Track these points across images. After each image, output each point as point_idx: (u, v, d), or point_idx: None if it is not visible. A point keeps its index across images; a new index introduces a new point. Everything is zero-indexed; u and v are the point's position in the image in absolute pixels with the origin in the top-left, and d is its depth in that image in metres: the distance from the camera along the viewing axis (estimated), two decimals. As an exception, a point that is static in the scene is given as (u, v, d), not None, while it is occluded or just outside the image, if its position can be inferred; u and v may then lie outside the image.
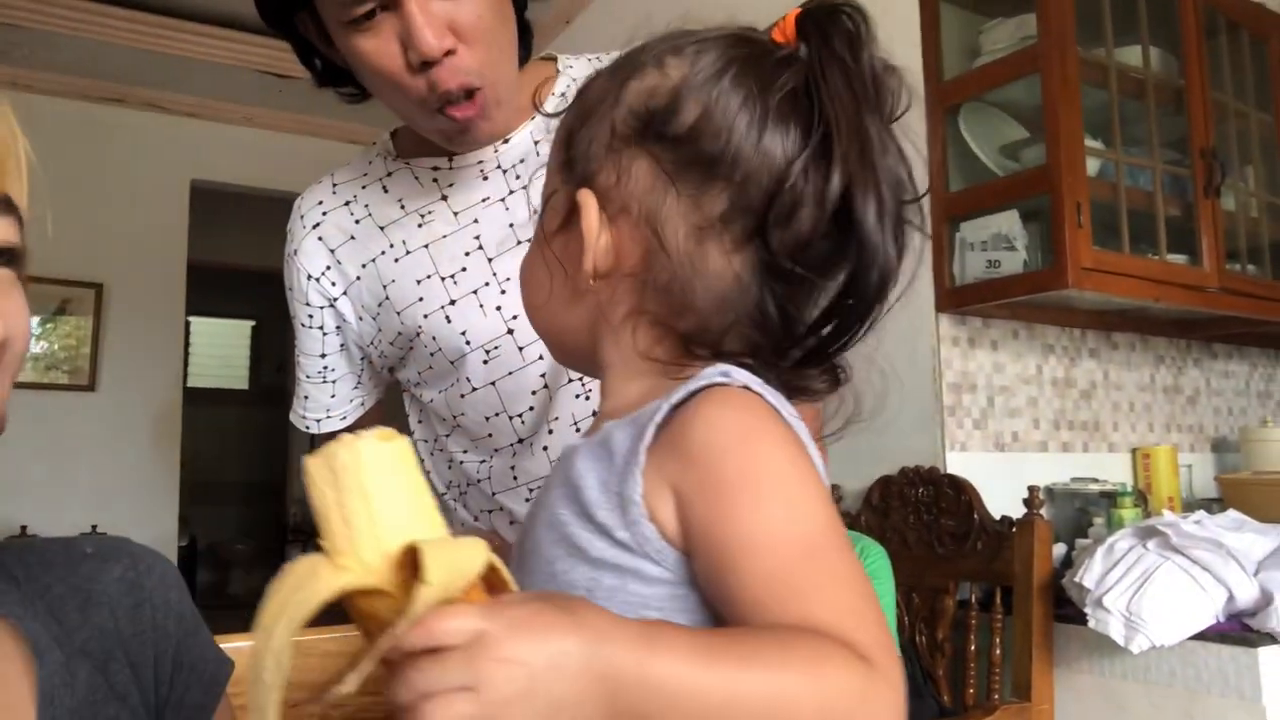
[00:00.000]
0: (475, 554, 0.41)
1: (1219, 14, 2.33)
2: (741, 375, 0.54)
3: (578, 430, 1.03)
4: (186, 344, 4.85)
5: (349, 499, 0.40)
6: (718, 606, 0.50)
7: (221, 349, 8.06)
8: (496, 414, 1.05)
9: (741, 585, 0.48)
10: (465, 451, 1.11)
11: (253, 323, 8.15)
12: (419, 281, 1.02)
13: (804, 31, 0.56)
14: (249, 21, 3.73)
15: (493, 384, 1.04)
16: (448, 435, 1.12)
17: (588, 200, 0.57)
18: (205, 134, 4.39)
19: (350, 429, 1.16)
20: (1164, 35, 2.20)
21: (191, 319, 5.06)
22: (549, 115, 0.65)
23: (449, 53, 0.87)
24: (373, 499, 0.41)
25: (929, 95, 2.18)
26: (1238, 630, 1.59)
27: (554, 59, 1.08)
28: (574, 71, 1.06)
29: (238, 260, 6.36)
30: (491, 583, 0.44)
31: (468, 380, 1.04)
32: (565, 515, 0.55)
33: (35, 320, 3.99)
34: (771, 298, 0.57)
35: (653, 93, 0.57)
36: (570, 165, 0.60)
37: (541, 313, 0.63)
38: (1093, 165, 2.00)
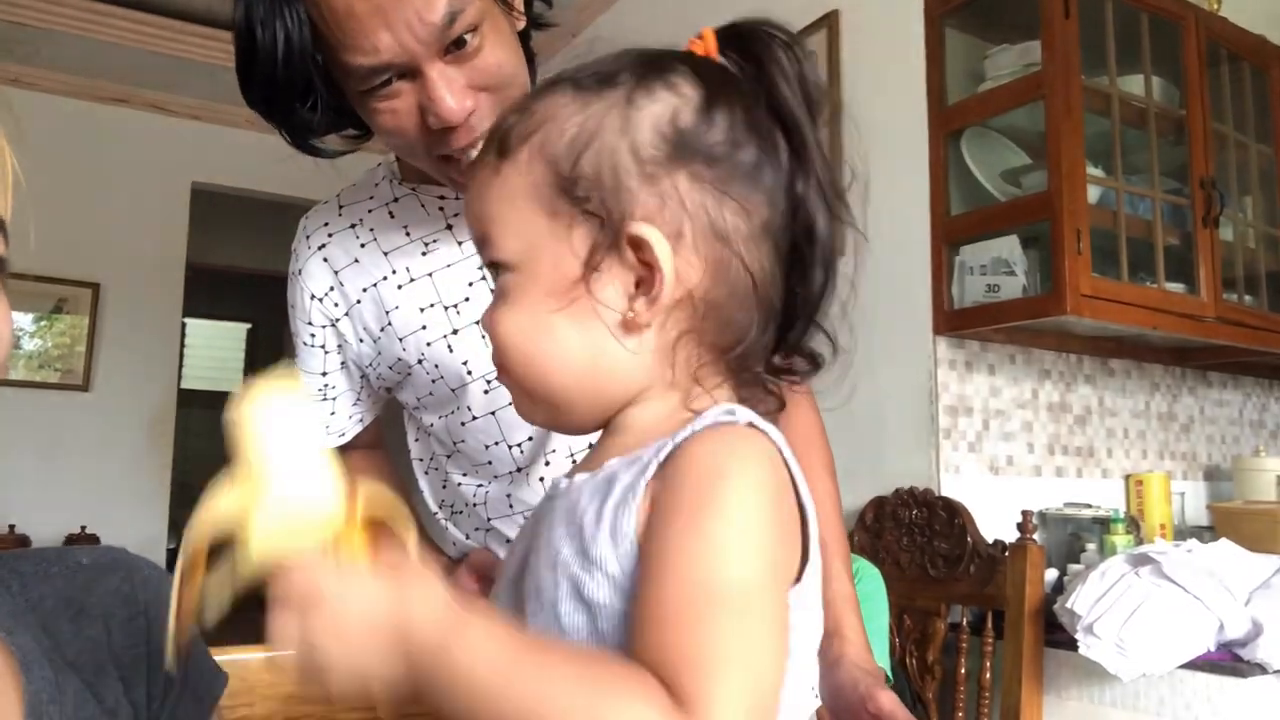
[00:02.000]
0: (310, 524, 0.50)
1: (1221, 45, 2.35)
2: (745, 414, 0.54)
3: (573, 460, 1.03)
4: (182, 346, 4.83)
5: (249, 443, 0.51)
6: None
7: (216, 351, 8.05)
8: (496, 442, 1.05)
9: (641, 598, 0.49)
10: (465, 474, 1.11)
11: (248, 326, 8.13)
12: (422, 310, 1.02)
13: (741, 50, 0.59)
14: (255, 26, 3.73)
15: (493, 413, 1.04)
16: (447, 457, 1.12)
17: (653, 234, 0.55)
18: (207, 136, 4.40)
19: (349, 446, 1.17)
20: (1166, 65, 2.22)
21: (187, 320, 5.05)
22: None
23: (470, 113, 0.86)
24: (262, 447, 0.51)
25: (932, 119, 2.19)
26: (1228, 660, 1.59)
27: None
28: None
29: (235, 263, 6.36)
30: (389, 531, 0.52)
31: (468, 409, 1.04)
32: (567, 554, 0.54)
33: (30, 318, 3.99)
34: (788, 296, 0.59)
35: (676, 113, 0.56)
36: (581, 200, 0.56)
37: (575, 376, 0.58)
38: (1093, 193, 2.01)
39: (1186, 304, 2.13)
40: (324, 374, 1.10)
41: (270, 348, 7.72)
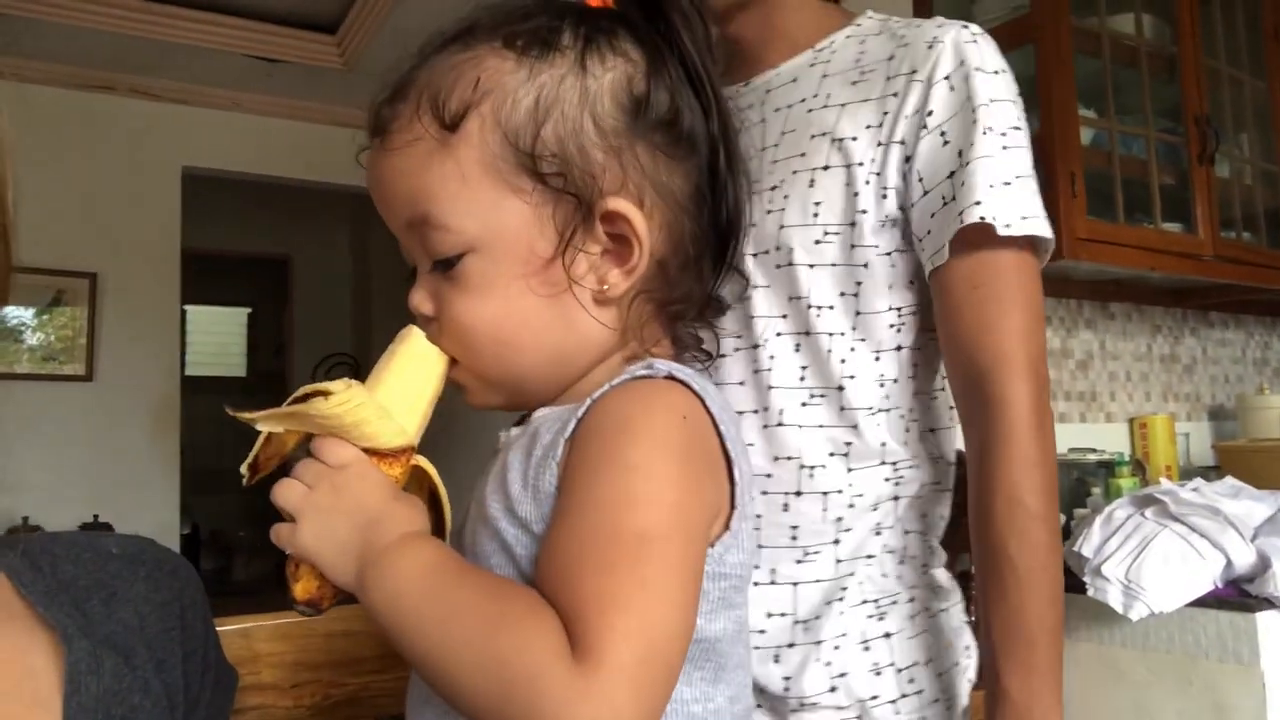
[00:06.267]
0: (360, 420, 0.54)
1: (1212, -20, 2.32)
2: (666, 366, 0.54)
3: None
4: (183, 332, 4.84)
5: (394, 357, 0.57)
6: None
7: (218, 337, 8.05)
8: None
9: (549, 543, 0.50)
10: None
11: (248, 309, 8.13)
12: None
13: (644, 7, 0.59)
14: (235, 5, 3.70)
15: None
16: None
17: (628, 208, 0.55)
18: (195, 120, 4.36)
19: None
20: (1157, 2, 2.19)
21: (187, 307, 5.05)
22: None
23: None
24: (399, 366, 0.56)
25: (922, 67, 2.17)
26: (1235, 596, 1.60)
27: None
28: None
29: (231, 247, 6.34)
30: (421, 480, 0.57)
31: None
32: (495, 510, 0.54)
33: (30, 312, 3.99)
34: (717, 247, 0.62)
35: (630, 81, 0.56)
36: (546, 176, 0.54)
37: (546, 355, 0.57)
38: (1086, 135, 2.00)
39: (1184, 243, 2.13)
40: None
41: (270, 330, 7.72)
